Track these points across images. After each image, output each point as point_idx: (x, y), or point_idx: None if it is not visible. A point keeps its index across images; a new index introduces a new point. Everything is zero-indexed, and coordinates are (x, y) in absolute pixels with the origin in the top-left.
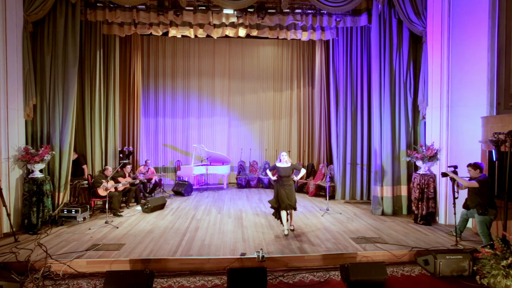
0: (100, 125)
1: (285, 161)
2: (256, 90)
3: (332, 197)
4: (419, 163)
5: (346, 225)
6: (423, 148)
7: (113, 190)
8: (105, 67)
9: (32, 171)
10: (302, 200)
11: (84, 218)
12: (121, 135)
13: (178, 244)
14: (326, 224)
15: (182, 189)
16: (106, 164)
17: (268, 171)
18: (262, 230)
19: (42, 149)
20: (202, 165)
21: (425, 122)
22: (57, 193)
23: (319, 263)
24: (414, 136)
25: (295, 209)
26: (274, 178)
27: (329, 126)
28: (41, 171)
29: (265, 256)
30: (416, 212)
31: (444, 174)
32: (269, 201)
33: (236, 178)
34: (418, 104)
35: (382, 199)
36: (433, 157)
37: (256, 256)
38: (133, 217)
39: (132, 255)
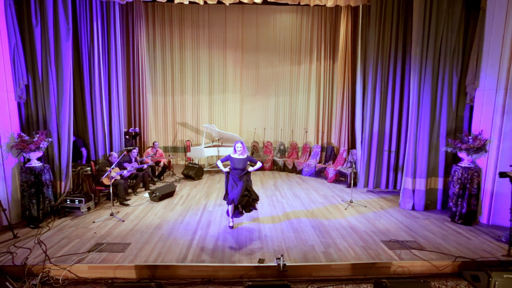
0: (102, 105)
1: (239, 152)
2: (271, 63)
3: (353, 184)
4: (462, 154)
5: (374, 222)
6: (470, 137)
7: (118, 178)
8: (105, 39)
9: (29, 160)
10: (321, 187)
11: (89, 208)
12: (126, 115)
13: (188, 245)
14: (351, 220)
15: (193, 172)
16: (111, 148)
17: (219, 162)
18: (280, 226)
19: (38, 135)
20: (213, 146)
21: (471, 107)
22: (58, 182)
23: (347, 272)
24: (456, 122)
25: (245, 208)
26: (226, 169)
27: (352, 105)
28: (39, 159)
29: (287, 264)
30: (454, 209)
31: (503, 175)
32: (225, 195)
33: None
34: (466, 84)
35: (413, 192)
36: (480, 149)
37: (276, 264)
38: (140, 206)
39: (138, 259)
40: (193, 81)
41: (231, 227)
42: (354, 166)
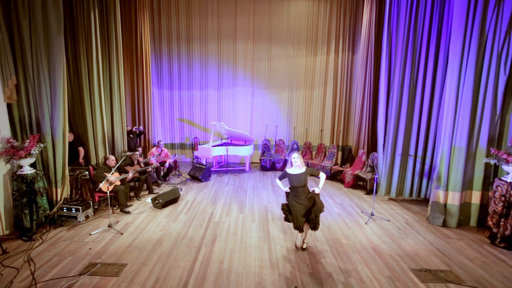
0: (101, 102)
1: (297, 166)
2: (285, 54)
3: (372, 190)
4: (508, 168)
5: (399, 242)
6: None
7: (118, 183)
8: (104, 31)
9: (21, 166)
10: (337, 193)
11: (87, 217)
12: (130, 112)
13: (190, 268)
14: (373, 239)
15: (199, 174)
16: (113, 149)
17: (278, 181)
18: (294, 245)
19: (28, 140)
20: (221, 145)
21: None
22: (54, 189)
23: None
24: (501, 128)
25: (315, 228)
26: (286, 189)
27: (374, 103)
28: (33, 165)
29: None
30: (495, 230)
31: None
32: (282, 206)
33: (260, 160)
34: None
35: (445, 206)
36: None
37: None
38: (142, 215)
39: (133, 286)
40: (201, 75)
41: (303, 249)
42: (374, 171)
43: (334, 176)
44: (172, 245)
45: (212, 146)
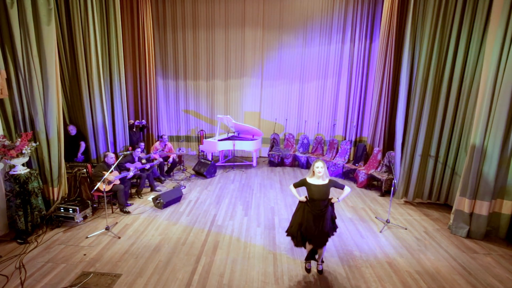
0: (101, 94)
1: (320, 176)
2: (296, 43)
3: (388, 192)
4: None
5: (418, 256)
6: None
7: (118, 182)
8: (103, 19)
9: (14, 166)
10: (349, 194)
11: (85, 217)
12: (133, 104)
13: (188, 281)
14: (388, 251)
15: (204, 170)
16: (114, 144)
17: (292, 188)
18: (301, 257)
19: (20, 139)
20: (228, 138)
21: None
22: (50, 188)
23: None
24: None
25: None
26: (302, 198)
27: (393, 97)
28: (28, 163)
29: None
30: None
31: None
32: (290, 228)
33: (268, 155)
34: None
35: (470, 216)
36: None
37: None
38: (142, 216)
39: None
40: (208, 64)
41: (308, 270)
42: (391, 171)
43: (346, 175)
44: (170, 252)
45: (218, 140)
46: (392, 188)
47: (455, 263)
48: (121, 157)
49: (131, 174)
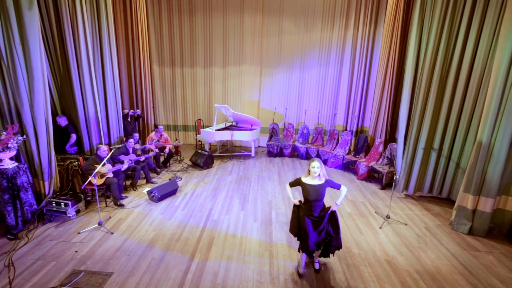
0: (92, 83)
1: (316, 176)
2: (297, 29)
3: (389, 184)
4: None
5: (418, 254)
6: None
7: (111, 175)
8: (92, 2)
9: (0, 160)
10: (349, 187)
11: (78, 211)
12: (127, 93)
13: (181, 281)
14: (388, 248)
15: (201, 161)
16: (108, 135)
17: (287, 187)
18: (298, 255)
19: (5, 132)
20: (226, 128)
21: None
22: (41, 182)
23: None
24: None
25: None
26: (296, 201)
27: (397, 86)
28: (17, 156)
29: None
30: None
31: None
32: (291, 229)
33: (267, 145)
34: None
35: (474, 212)
36: None
37: None
38: (136, 209)
39: None
40: (205, 51)
41: (301, 275)
42: (392, 164)
43: (346, 166)
44: (164, 249)
45: (216, 130)
46: (394, 184)
47: (456, 262)
48: (112, 150)
49: (125, 166)
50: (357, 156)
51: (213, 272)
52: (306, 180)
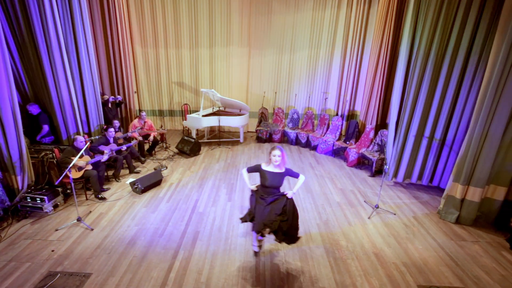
0: (65, 69)
1: (277, 164)
2: (287, 8)
3: (379, 171)
4: None
5: (406, 246)
6: None
7: (89, 167)
8: None
9: None
10: (338, 175)
11: (56, 206)
12: (107, 77)
13: (163, 281)
14: (376, 240)
15: (188, 148)
16: (88, 123)
17: (244, 172)
18: (286, 248)
19: None
20: (213, 114)
21: None
22: (13, 177)
23: None
24: None
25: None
26: (252, 187)
27: (390, 70)
28: None
29: None
30: None
31: None
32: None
33: (256, 130)
34: None
35: (462, 202)
36: None
37: None
38: (119, 202)
39: None
40: (190, 31)
41: (257, 252)
42: (383, 150)
43: (336, 153)
44: (147, 246)
45: (203, 115)
46: (384, 172)
47: (443, 253)
48: (87, 144)
49: (105, 157)
50: (348, 142)
51: (197, 270)
52: (266, 168)
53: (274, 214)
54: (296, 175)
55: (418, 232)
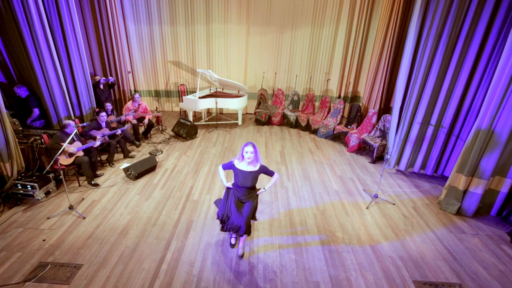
0: (50, 50)
1: (250, 162)
2: None
3: (380, 158)
4: None
5: (404, 238)
6: None
7: (81, 154)
8: None
9: None
10: (338, 161)
11: (49, 192)
12: (98, 56)
13: (154, 273)
14: (373, 232)
15: (184, 131)
16: (79, 106)
17: (220, 169)
18: (279, 241)
19: None
20: (210, 95)
21: None
22: (1, 164)
23: None
24: None
25: (247, 233)
26: (228, 184)
27: (396, 52)
28: None
29: None
30: None
31: None
32: (215, 202)
33: (255, 112)
34: None
35: (464, 193)
36: None
37: None
38: (112, 189)
39: None
40: (186, 6)
41: (233, 245)
42: (385, 136)
43: (337, 137)
44: (139, 236)
45: (199, 97)
46: (385, 160)
47: (441, 246)
48: (75, 131)
49: (97, 143)
50: (349, 126)
51: (189, 262)
52: (239, 165)
53: (240, 219)
54: (271, 173)
55: (417, 224)
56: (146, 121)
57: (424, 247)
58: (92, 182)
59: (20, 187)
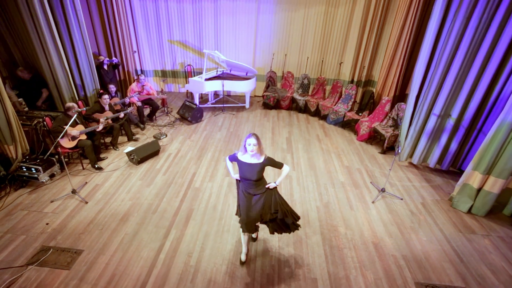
0: (51, 29)
1: (251, 153)
2: None
3: (390, 148)
4: None
5: (409, 236)
6: None
7: (84, 137)
8: None
9: None
10: (346, 150)
11: (53, 175)
12: (102, 35)
13: (152, 262)
14: (377, 228)
15: (189, 115)
16: (83, 87)
17: (227, 161)
18: (280, 235)
19: None
20: (217, 77)
21: None
22: (6, 146)
23: None
24: None
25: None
26: (236, 176)
27: (416, 37)
28: None
29: None
30: None
31: None
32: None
33: (263, 95)
34: None
35: (478, 191)
36: None
37: None
38: (115, 173)
39: (83, 286)
40: None
41: (243, 263)
42: (397, 126)
43: (347, 124)
44: (139, 223)
45: (205, 79)
46: (396, 153)
47: (448, 247)
48: (75, 115)
49: (100, 127)
50: (360, 114)
51: (187, 252)
52: (242, 157)
53: (253, 218)
54: (279, 166)
55: (425, 221)
56: (153, 96)
57: (430, 247)
58: (96, 166)
59: (25, 169)
